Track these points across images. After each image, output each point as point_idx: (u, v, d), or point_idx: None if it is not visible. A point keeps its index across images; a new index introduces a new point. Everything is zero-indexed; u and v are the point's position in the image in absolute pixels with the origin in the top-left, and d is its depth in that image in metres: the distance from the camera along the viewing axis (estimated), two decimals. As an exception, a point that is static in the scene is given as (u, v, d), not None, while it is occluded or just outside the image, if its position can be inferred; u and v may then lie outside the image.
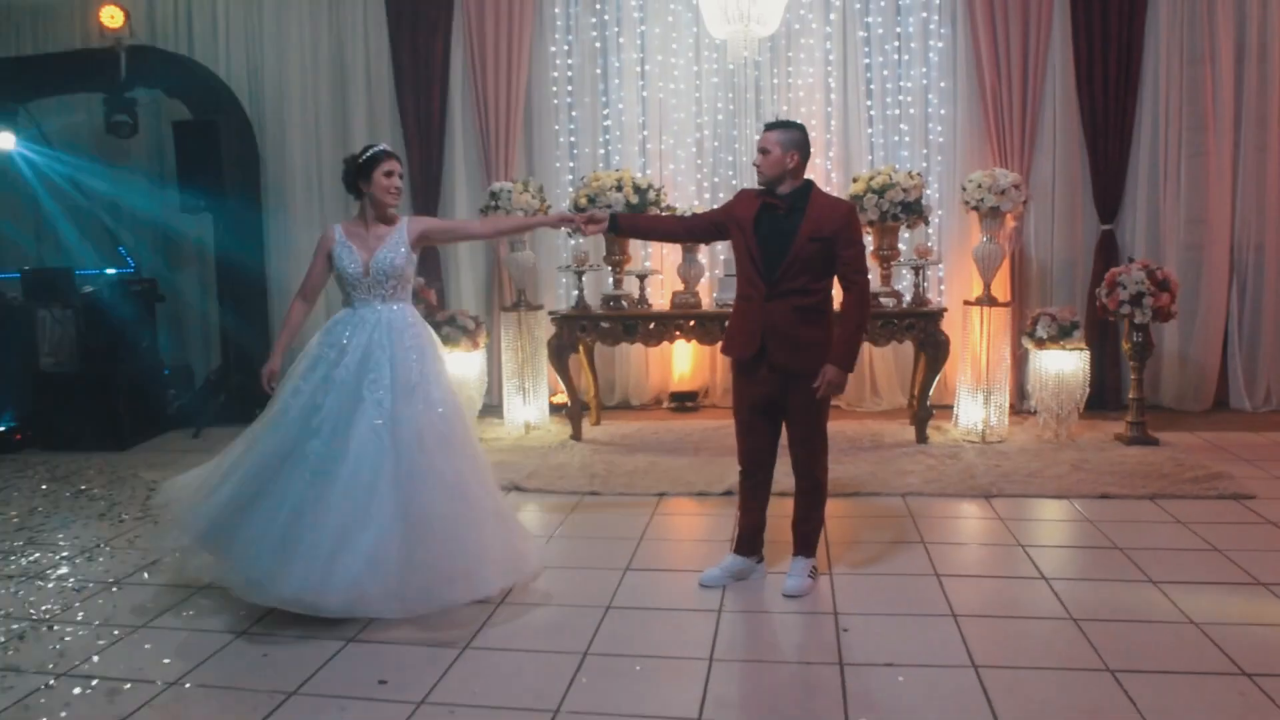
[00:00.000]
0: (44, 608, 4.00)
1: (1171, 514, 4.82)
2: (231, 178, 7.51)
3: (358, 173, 3.97)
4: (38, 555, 4.67)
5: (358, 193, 4.03)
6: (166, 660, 3.48)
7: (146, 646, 3.61)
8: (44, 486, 5.94)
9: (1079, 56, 6.96)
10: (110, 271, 7.81)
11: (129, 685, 3.29)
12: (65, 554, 4.68)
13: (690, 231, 4.53)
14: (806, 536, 3.99)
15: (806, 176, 3.96)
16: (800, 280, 3.79)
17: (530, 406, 6.96)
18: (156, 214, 8.02)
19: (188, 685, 3.30)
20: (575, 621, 3.71)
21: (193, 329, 8.46)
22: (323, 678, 3.31)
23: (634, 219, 4.90)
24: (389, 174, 3.96)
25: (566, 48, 7.75)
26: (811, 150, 4.01)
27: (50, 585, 4.27)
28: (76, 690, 3.25)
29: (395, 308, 4.01)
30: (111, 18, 7.38)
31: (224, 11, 8.15)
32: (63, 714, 3.10)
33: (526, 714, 3.02)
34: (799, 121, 4.15)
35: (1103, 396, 6.96)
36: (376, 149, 4.00)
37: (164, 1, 8.22)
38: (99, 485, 5.94)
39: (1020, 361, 6.84)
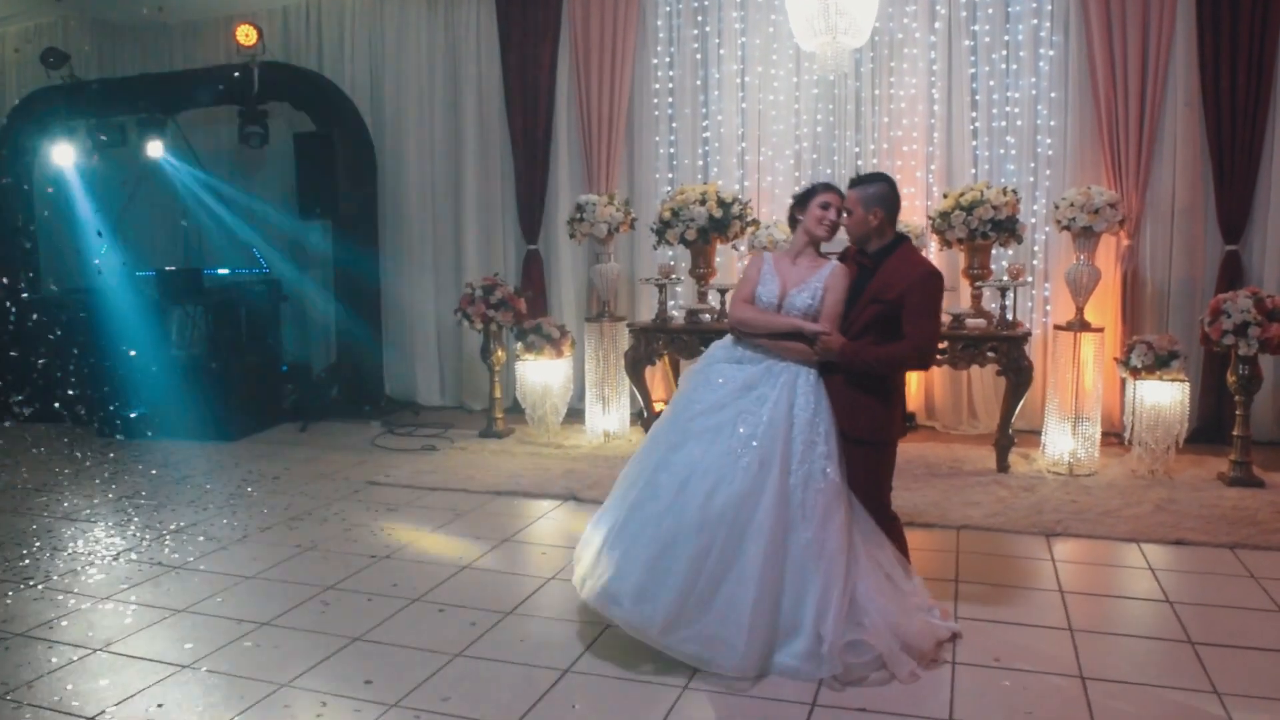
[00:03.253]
0: (104, 587, 4.39)
1: (1248, 567, 4.43)
2: (347, 186, 7.94)
3: (797, 204, 3.85)
4: (117, 536, 5.11)
5: (794, 224, 3.87)
6: (189, 645, 3.76)
7: (180, 629, 3.93)
8: (154, 471, 6.47)
9: (1204, 63, 6.45)
10: (238, 272, 8.40)
11: (153, 663, 3.61)
12: (144, 536, 5.10)
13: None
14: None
15: (901, 230, 3.85)
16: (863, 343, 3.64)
17: (610, 416, 7.05)
18: (284, 219, 8.55)
19: (203, 669, 3.57)
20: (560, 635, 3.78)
21: (314, 328, 8.95)
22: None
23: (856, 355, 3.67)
24: (825, 205, 3.75)
25: (668, 59, 7.79)
26: (900, 202, 3.85)
27: (120, 565, 4.67)
28: (103, 664, 3.58)
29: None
30: (246, 36, 7.95)
31: (350, 29, 8.63)
32: (104, 681, 3.45)
33: None
34: (884, 174, 3.93)
35: (1221, 431, 6.44)
36: (819, 183, 3.90)
37: (297, 20, 8.77)
38: (200, 473, 6.41)
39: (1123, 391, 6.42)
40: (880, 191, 3.73)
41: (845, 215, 3.76)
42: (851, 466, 3.63)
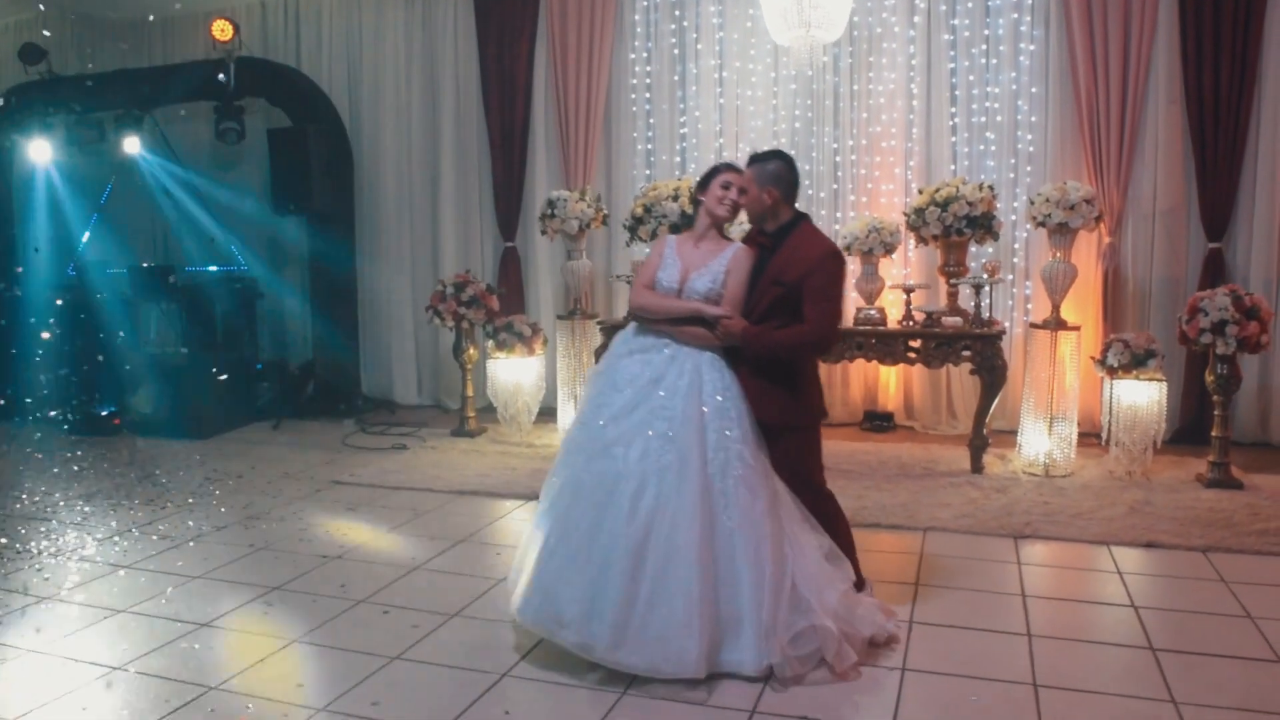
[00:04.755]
0: (49, 587, 4.30)
1: (1219, 571, 4.31)
2: (322, 182, 7.84)
3: (699, 185, 3.75)
4: (74, 535, 5.02)
5: (697, 206, 3.76)
6: (123, 646, 3.67)
7: (118, 629, 3.84)
8: (118, 470, 6.38)
9: (1187, 59, 6.33)
10: (212, 269, 8.31)
11: (85, 664, 3.51)
12: (98, 535, 5.01)
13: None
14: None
15: (804, 210, 3.75)
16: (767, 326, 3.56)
17: (582, 415, 6.93)
18: (261, 216, 8.46)
19: (133, 671, 3.47)
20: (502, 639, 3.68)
21: (290, 325, 8.84)
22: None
23: (758, 339, 3.57)
24: (725, 185, 3.64)
25: (645, 54, 7.68)
26: (799, 180, 3.75)
27: (70, 563, 4.58)
28: (35, 665, 3.49)
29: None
30: (222, 31, 7.84)
31: (328, 24, 8.53)
32: (32, 683, 3.38)
33: None
34: (781, 151, 3.90)
35: (1204, 431, 6.29)
36: (721, 163, 3.83)
37: (275, 15, 8.67)
38: (164, 472, 6.31)
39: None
40: (776, 170, 3.65)
41: (743, 194, 3.66)
42: (773, 453, 3.53)
